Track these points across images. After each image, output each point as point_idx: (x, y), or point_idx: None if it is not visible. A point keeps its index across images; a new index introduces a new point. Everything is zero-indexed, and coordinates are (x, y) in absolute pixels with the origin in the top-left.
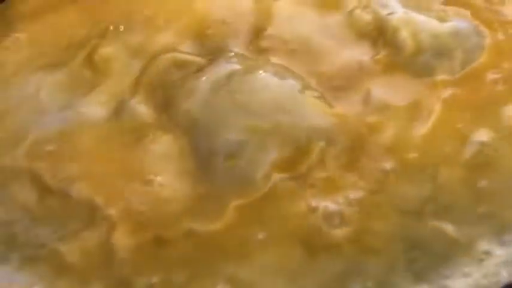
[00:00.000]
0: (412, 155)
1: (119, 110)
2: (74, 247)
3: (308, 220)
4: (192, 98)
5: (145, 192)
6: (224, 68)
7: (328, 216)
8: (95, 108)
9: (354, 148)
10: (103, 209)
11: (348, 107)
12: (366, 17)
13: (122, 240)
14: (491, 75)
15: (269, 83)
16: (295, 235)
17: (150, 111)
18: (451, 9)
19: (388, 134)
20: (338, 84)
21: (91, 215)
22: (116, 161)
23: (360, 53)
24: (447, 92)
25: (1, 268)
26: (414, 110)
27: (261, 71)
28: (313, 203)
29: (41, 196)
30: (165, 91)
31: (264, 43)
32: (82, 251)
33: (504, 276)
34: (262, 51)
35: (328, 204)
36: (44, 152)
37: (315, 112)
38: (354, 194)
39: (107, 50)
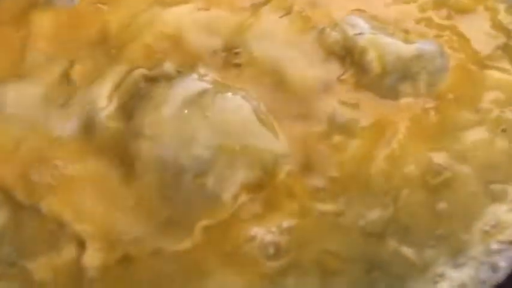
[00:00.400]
0: (375, 177)
1: (89, 125)
2: (43, 265)
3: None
4: (161, 110)
5: (114, 210)
6: (196, 84)
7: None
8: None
9: (317, 170)
10: (72, 226)
11: (312, 127)
12: (335, 36)
13: (92, 258)
14: (453, 98)
15: (239, 105)
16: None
17: (120, 125)
18: (417, 30)
19: (352, 154)
20: (304, 104)
21: (60, 231)
22: (86, 178)
23: (327, 72)
24: (411, 114)
25: None
26: (378, 131)
27: (230, 93)
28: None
29: (13, 212)
30: (133, 103)
31: (235, 60)
32: (52, 269)
33: None
34: (232, 68)
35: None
36: (16, 168)
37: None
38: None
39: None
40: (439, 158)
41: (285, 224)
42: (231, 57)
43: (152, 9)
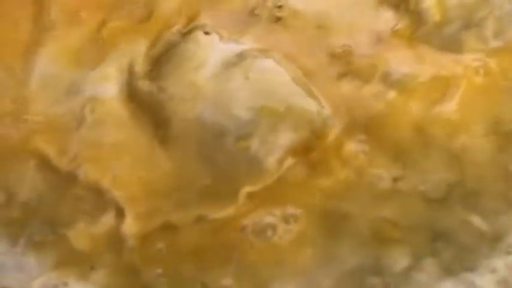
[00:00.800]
0: (438, 134)
1: (123, 87)
2: (82, 233)
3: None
4: (201, 70)
5: (153, 176)
6: (236, 47)
7: None
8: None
9: (373, 129)
10: (110, 193)
11: (364, 86)
12: None
13: (130, 226)
14: None
15: (279, 68)
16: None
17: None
18: None
19: (410, 112)
20: (355, 61)
21: (99, 198)
22: (125, 144)
23: (378, 23)
24: (475, 69)
25: (10, 250)
26: (439, 87)
27: (269, 58)
28: None
29: (50, 179)
30: (169, 63)
31: (277, 13)
32: (90, 237)
33: None
34: (273, 23)
35: None
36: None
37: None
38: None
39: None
40: (508, 114)
41: (337, 189)
42: (274, 10)
43: None
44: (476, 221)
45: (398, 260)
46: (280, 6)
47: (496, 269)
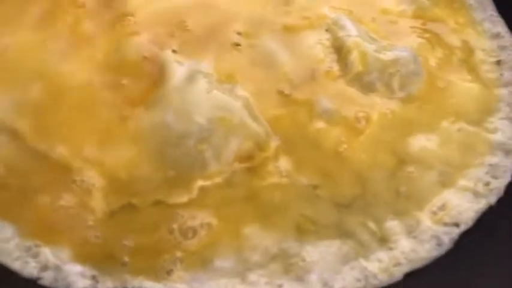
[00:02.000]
0: (350, 157)
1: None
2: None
3: None
4: (169, 81)
5: (122, 164)
6: (198, 66)
7: None
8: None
9: (302, 147)
10: (82, 173)
11: (297, 112)
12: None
13: (99, 203)
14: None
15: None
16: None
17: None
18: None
19: (331, 138)
20: (293, 93)
21: (69, 176)
22: (98, 130)
23: (316, 64)
24: (383, 109)
25: None
26: (354, 121)
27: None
28: None
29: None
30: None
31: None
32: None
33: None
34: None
35: None
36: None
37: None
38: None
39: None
40: (403, 151)
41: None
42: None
43: None
44: (371, 224)
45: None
46: (239, 33)
47: (381, 259)
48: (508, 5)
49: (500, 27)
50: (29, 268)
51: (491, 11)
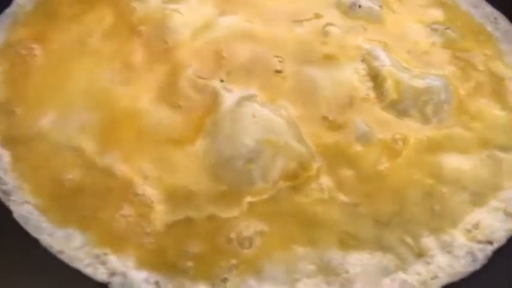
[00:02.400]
0: (388, 177)
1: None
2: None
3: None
4: (219, 108)
5: (181, 182)
6: (244, 92)
7: None
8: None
9: (343, 168)
10: (142, 189)
11: (340, 135)
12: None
13: (157, 218)
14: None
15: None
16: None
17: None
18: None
19: (370, 160)
20: (335, 117)
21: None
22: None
23: (354, 91)
24: (418, 134)
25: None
26: (392, 143)
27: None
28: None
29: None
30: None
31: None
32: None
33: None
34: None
35: None
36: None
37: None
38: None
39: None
40: (437, 172)
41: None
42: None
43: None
44: (408, 240)
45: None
46: (281, 61)
47: (420, 273)
48: None
49: None
50: (99, 274)
51: None
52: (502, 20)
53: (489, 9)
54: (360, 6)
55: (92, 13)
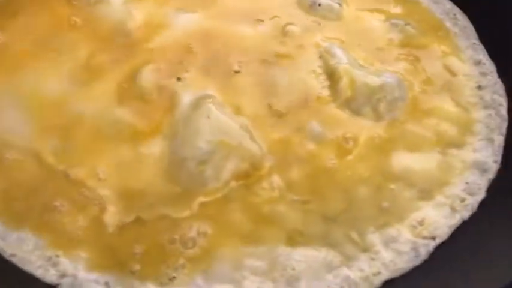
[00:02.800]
0: (337, 175)
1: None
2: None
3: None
4: (176, 109)
5: (133, 183)
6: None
7: None
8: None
9: (294, 167)
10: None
11: (293, 134)
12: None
13: (111, 218)
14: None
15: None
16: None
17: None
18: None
19: (322, 159)
20: (288, 117)
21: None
22: (113, 154)
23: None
24: (370, 132)
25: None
26: (343, 141)
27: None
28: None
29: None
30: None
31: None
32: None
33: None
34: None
35: None
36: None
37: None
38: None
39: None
40: (387, 170)
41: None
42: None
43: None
44: (354, 236)
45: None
46: (240, 62)
47: (362, 269)
48: (489, 33)
49: (482, 54)
50: (49, 276)
51: (474, 39)
52: (461, 16)
53: (449, 5)
54: (319, 5)
55: (50, 14)
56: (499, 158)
